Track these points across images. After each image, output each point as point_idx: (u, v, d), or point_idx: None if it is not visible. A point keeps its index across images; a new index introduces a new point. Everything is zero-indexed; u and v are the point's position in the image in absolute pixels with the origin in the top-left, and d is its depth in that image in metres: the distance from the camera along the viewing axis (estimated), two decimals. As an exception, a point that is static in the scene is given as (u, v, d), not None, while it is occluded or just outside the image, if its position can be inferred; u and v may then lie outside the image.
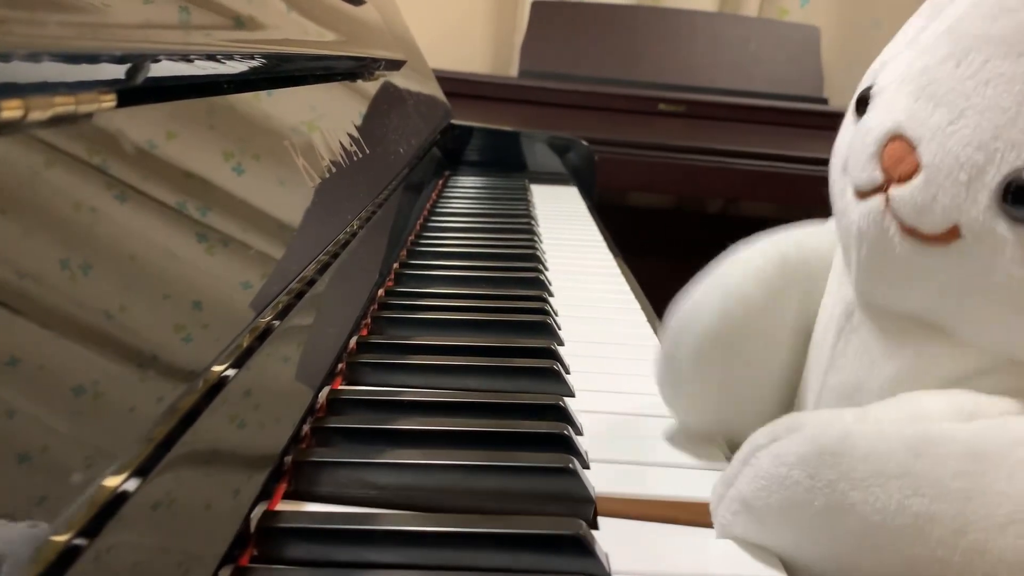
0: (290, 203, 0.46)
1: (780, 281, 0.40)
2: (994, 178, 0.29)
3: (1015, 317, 0.30)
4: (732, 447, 0.41)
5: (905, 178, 0.31)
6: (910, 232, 0.31)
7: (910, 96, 0.31)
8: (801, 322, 0.41)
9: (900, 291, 0.33)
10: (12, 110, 0.24)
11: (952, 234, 0.30)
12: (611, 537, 0.33)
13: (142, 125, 0.33)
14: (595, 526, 0.34)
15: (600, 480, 0.36)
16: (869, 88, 0.34)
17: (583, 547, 0.31)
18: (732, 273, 0.40)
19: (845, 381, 0.36)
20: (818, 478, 0.30)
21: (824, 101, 1.82)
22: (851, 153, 0.34)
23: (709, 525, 0.35)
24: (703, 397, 0.41)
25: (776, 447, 0.31)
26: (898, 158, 0.31)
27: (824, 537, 0.30)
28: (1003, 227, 0.29)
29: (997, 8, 0.30)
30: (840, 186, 0.35)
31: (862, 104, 0.34)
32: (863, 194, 0.33)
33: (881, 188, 0.32)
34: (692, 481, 0.38)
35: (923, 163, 0.30)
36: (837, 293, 0.38)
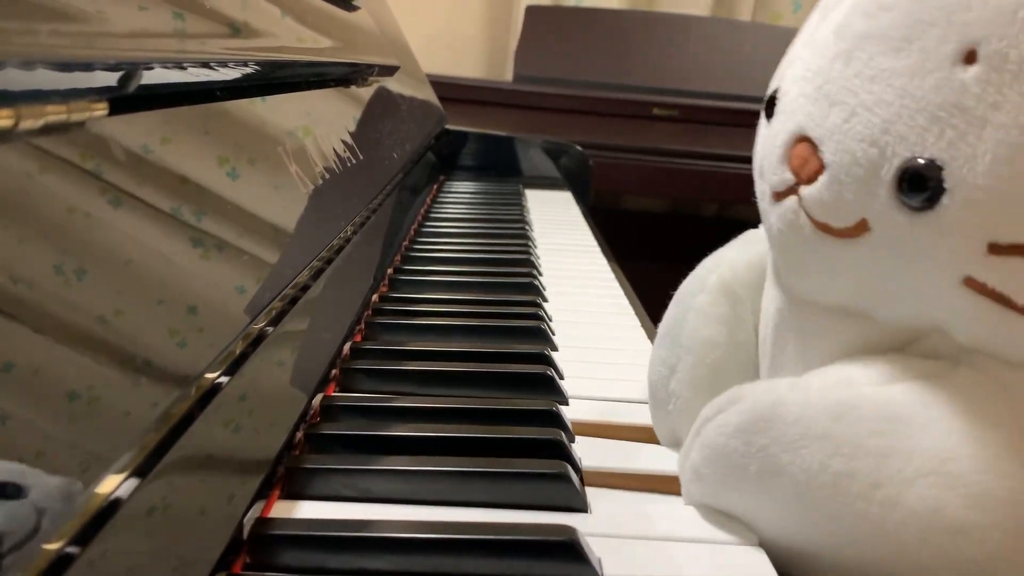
0: (284, 209, 0.46)
1: (731, 311, 0.42)
2: (888, 171, 0.30)
3: (928, 298, 0.32)
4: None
5: (812, 178, 0.32)
6: (823, 228, 0.32)
7: (808, 98, 0.33)
8: (752, 337, 0.42)
9: (821, 284, 0.35)
10: (3, 119, 0.24)
11: (861, 227, 0.31)
12: (604, 542, 0.33)
13: (136, 132, 0.33)
14: (588, 531, 0.34)
15: (594, 487, 0.37)
16: (776, 91, 0.35)
17: (576, 553, 0.31)
18: (692, 323, 0.42)
19: (789, 374, 0.38)
20: (752, 444, 0.32)
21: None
22: (763, 157, 0.35)
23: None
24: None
25: (719, 418, 0.34)
26: (804, 159, 0.32)
27: (763, 499, 0.33)
28: (902, 216, 0.30)
29: (875, 6, 0.31)
30: (760, 190, 0.36)
31: (770, 107, 0.35)
32: (778, 195, 0.34)
33: (792, 189, 0.33)
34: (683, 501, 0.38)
35: (825, 162, 0.31)
36: (770, 294, 0.40)
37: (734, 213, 1.91)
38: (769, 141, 0.35)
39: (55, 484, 0.22)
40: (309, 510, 0.34)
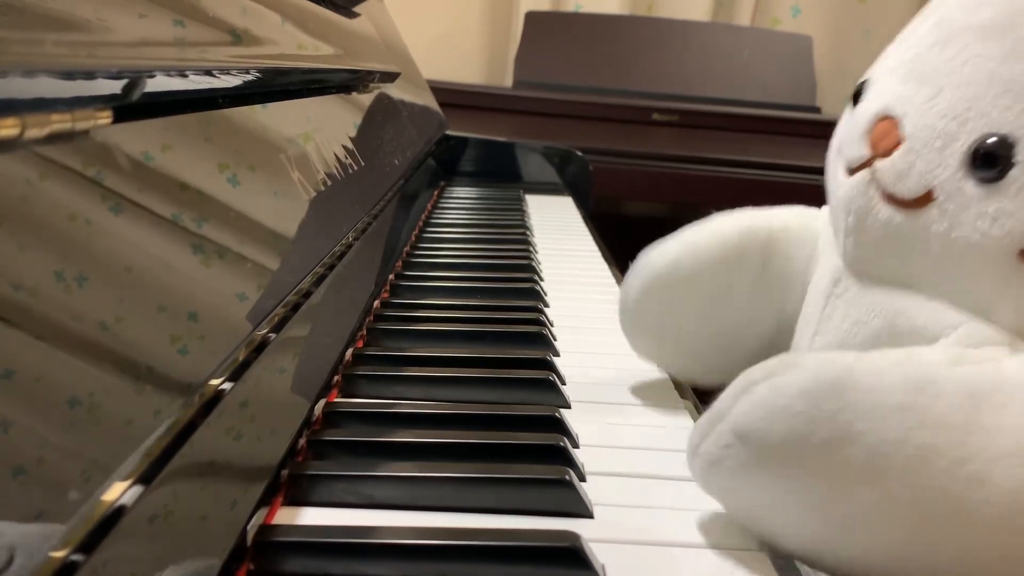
0: (286, 216, 0.46)
1: (737, 246, 0.45)
2: (964, 144, 0.33)
3: (983, 272, 0.33)
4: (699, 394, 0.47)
5: (889, 151, 0.35)
6: (890, 198, 0.35)
7: (899, 80, 0.36)
8: (765, 286, 0.46)
9: (881, 253, 0.37)
10: (9, 128, 0.24)
11: (927, 198, 0.34)
12: (608, 549, 0.33)
13: (139, 140, 0.33)
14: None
15: (597, 492, 0.37)
16: (864, 82, 0.38)
17: (580, 559, 0.31)
18: (697, 231, 0.47)
19: (831, 341, 0.40)
20: (821, 408, 0.30)
21: (817, 110, 1.83)
22: (845, 136, 0.38)
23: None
24: (646, 328, 0.48)
25: (776, 380, 0.31)
26: (884, 133, 0.35)
27: (824, 470, 0.30)
28: (970, 187, 0.33)
29: (976, 3, 0.34)
30: (833, 168, 0.39)
31: (857, 96, 0.38)
32: (852, 170, 0.37)
33: (868, 163, 0.36)
34: (690, 492, 0.38)
35: (906, 135, 0.34)
36: (825, 265, 0.42)
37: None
38: (852, 121, 0.38)
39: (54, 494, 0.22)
40: (312, 517, 0.34)
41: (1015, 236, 0.32)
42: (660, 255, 0.47)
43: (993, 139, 0.32)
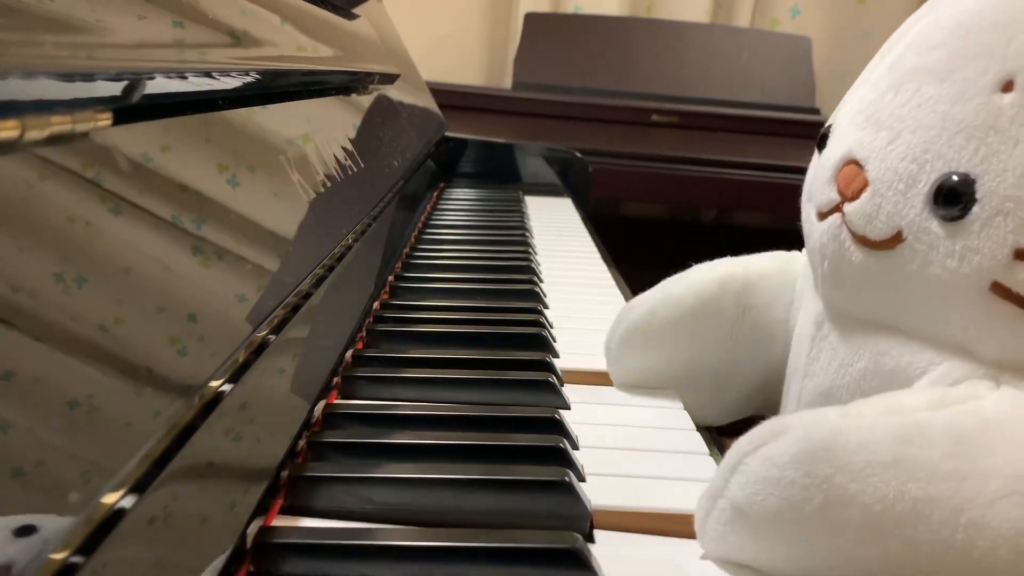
0: (285, 217, 0.46)
1: (715, 294, 0.47)
2: (925, 184, 0.34)
3: (958, 308, 0.34)
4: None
5: (856, 195, 0.36)
6: (862, 241, 0.36)
7: (859, 126, 0.37)
8: (745, 332, 0.47)
9: (858, 295, 0.38)
10: (9, 130, 0.24)
11: (896, 239, 0.35)
12: (608, 550, 0.33)
13: (139, 142, 0.33)
14: (591, 539, 0.34)
15: (596, 493, 0.37)
16: (828, 127, 0.40)
17: (580, 561, 0.31)
18: (674, 283, 0.48)
19: (820, 384, 0.41)
20: (814, 475, 0.30)
21: (816, 111, 1.83)
22: (813, 181, 0.40)
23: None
24: (627, 373, 0.50)
25: (765, 450, 0.31)
26: (850, 178, 0.36)
27: (825, 534, 0.30)
28: (936, 226, 0.33)
29: (926, 45, 0.35)
30: (806, 213, 0.41)
31: (823, 141, 0.40)
32: (823, 215, 0.38)
33: (837, 208, 0.37)
34: (689, 493, 0.38)
35: (870, 179, 0.36)
36: (809, 308, 0.43)
37: (733, 219, 1.91)
38: (819, 167, 0.39)
39: (56, 494, 0.22)
40: (312, 519, 0.34)
41: (984, 272, 0.32)
42: (638, 306, 0.49)
43: (954, 178, 0.33)
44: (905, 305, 0.36)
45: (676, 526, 0.35)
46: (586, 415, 0.46)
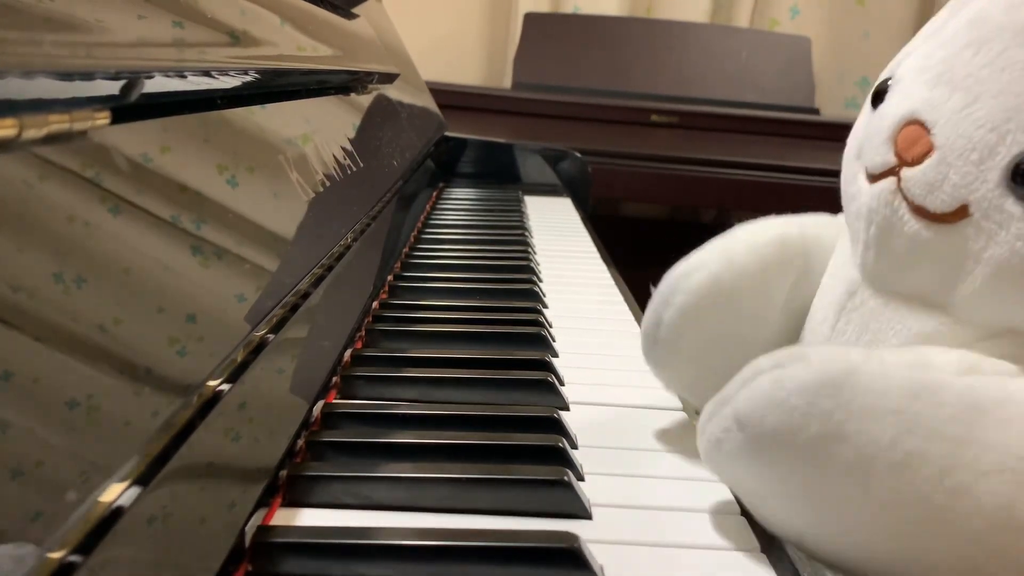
0: (285, 217, 0.46)
1: (776, 258, 0.42)
2: (1004, 158, 0.31)
3: (1015, 291, 0.32)
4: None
5: (918, 160, 0.33)
6: (919, 211, 0.33)
7: (927, 84, 0.33)
8: (793, 304, 0.42)
9: (906, 269, 0.35)
10: (7, 129, 0.24)
11: (960, 213, 0.32)
12: (606, 550, 0.33)
13: (137, 141, 0.33)
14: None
15: (595, 493, 0.37)
16: (887, 80, 0.36)
17: (578, 560, 0.31)
18: (733, 243, 0.43)
19: None
20: (815, 406, 0.30)
21: (815, 111, 1.83)
22: (866, 139, 0.36)
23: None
24: (682, 358, 0.43)
25: (779, 372, 0.31)
26: (912, 140, 0.33)
27: (811, 465, 0.30)
28: (1011, 204, 0.31)
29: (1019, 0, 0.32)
30: (852, 172, 0.37)
31: (879, 96, 0.36)
32: (875, 177, 0.35)
33: (893, 171, 0.34)
34: (688, 493, 0.38)
35: (936, 144, 0.32)
36: (839, 275, 0.39)
37: (732, 219, 1.91)
38: (874, 124, 0.35)
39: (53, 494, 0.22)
40: (311, 518, 0.34)
41: None
42: (699, 272, 0.42)
43: None
44: (957, 285, 0.33)
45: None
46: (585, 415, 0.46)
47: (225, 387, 0.32)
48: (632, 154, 1.55)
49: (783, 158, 1.56)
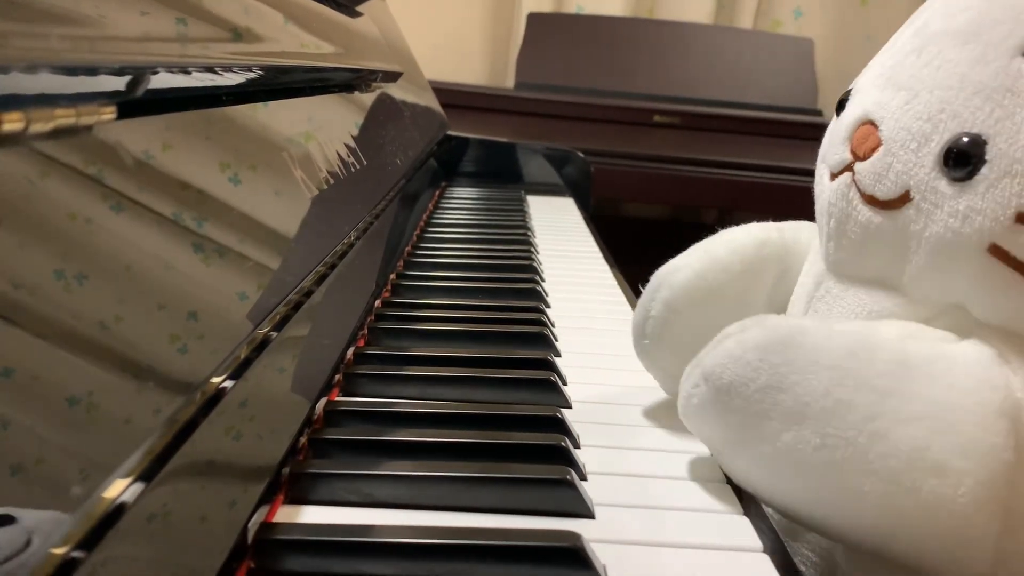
0: (288, 214, 0.46)
1: (756, 257, 0.45)
2: (937, 144, 0.34)
3: (958, 268, 0.34)
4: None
5: (868, 154, 0.36)
6: (870, 200, 0.36)
7: (878, 88, 0.37)
8: (774, 301, 0.46)
9: (861, 254, 0.38)
10: (13, 123, 0.24)
11: (904, 198, 0.35)
12: (609, 549, 0.33)
13: (141, 137, 0.33)
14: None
15: (598, 492, 0.36)
16: (848, 91, 0.40)
17: (581, 559, 0.31)
18: (717, 244, 0.46)
19: None
20: (765, 360, 0.34)
21: (818, 112, 1.83)
22: (828, 144, 0.40)
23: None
24: (668, 351, 0.46)
25: (741, 335, 0.36)
26: (864, 138, 0.37)
27: (758, 411, 0.34)
28: (944, 186, 0.34)
29: (954, 8, 0.36)
30: (819, 174, 0.41)
31: (841, 105, 0.40)
32: (834, 175, 0.39)
33: (849, 167, 0.37)
34: (691, 492, 0.38)
35: (883, 139, 0.36)
36: (810, 271, 0.43)
37: (735, 220, 1.91)
38: (836, 128, 0.39)
39: (54, 491, 0.22)
40: (313, 515, 0.34)
41: (984, 233, 0.33)
42: (683, 269, 0.46)
43: (965, 139, 0.33)
44: (907, 265, 0.36)
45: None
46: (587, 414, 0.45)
47: (228, 384, 0.32)
48: (634, 154, 1.55)
49: (785, 159, 1.56)
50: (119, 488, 0.24)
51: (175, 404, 0.28)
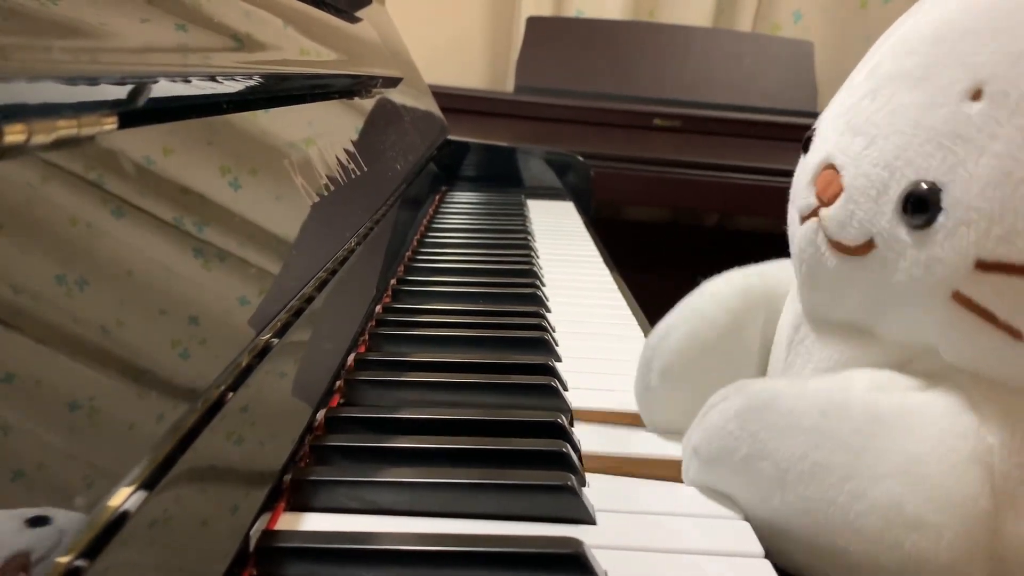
0: (289, 221, 0.46)
1: (743, 307, 0.45)
2: (895, 192, 0.34)
3: (923, 315, 0.34)
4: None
5: (832, 200, 0.36)
6: (837, 246, 0.36)
7: (838, 131, 0.37)
8: (764, 344, 0.46)
9: (833, 299, 0.38)
10: (15, 134, 0.24)
11: (868, 246, 0.35)
12: (610, 555, 0.33)
13: (143, 146, 0.33)
14: (594, 543, 0.34)
15: (599, 498, 0.37)
16: (813, 130, 0.40)
17: (582, 565, 0.31)
18: (701, 300, 0.46)
19: None
20: (745, 429, 0.35)
21: (818, 115, 1.83)
22: (794, 185, 0.40)
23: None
24: (671, 410, 0.45)
25: (723, 404, 0.37)
26: (827, 183, 0.36)
27: (745, 480, 0.36)
28: (904, 234, 0.33)
29: (903, 51, 0.35)
30: (791, 215, 0.40)
31: (807, 144, 0.40)
32: (804, 218, 0.38)
33: (815, 212, 0.37)
34: (692, 498, 0.38)
35: (844, 185, 0.35)
36: (789, 312, 0.43)
37: (735, 223, 1.91)
38: (800, 171, 0.39)
39: (61, 497, 0.22)
40: (315, 522, 0.34)
41: (947, 281, 0.33)
42: (672, 331, 0.45)
43: (922, 185, 0.33)
44: (877, 311, 0.36)
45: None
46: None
47: (230, 391, 0.32)
48: (635, 158, 1.55)
49: (786, 162, 1.55)
50: (122, 495, 0.24)
51: (177, 410, 0.28)
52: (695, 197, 1.57)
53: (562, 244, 0.93)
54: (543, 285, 0.72)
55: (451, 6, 2.05)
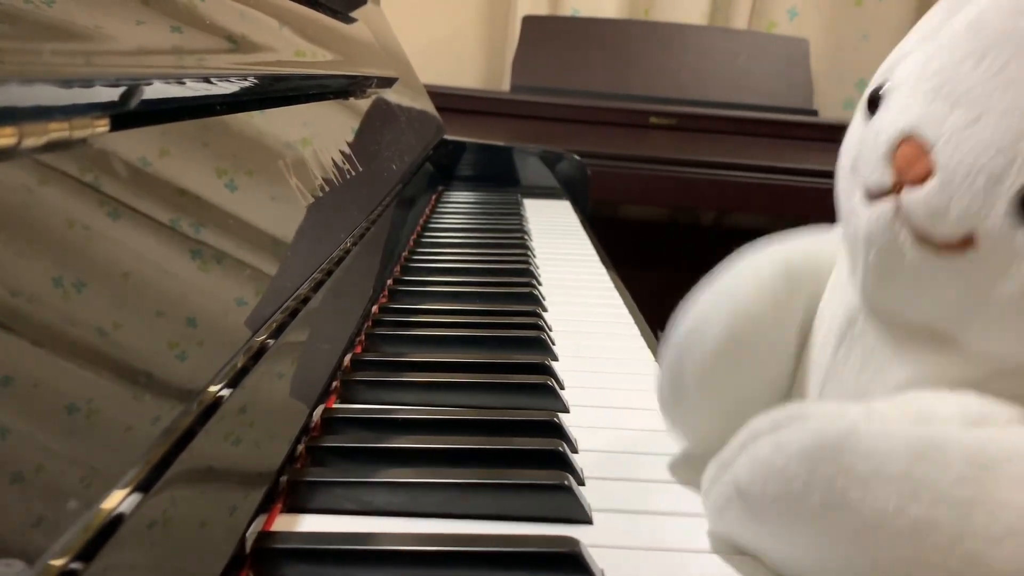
0: (284, 221, 0.46)
1: (786, 293, 0.38)
2: (1012, 186, 0.27)
3: None
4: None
5: (918, 181, 0.29)
6: (922, 238, 0.30)
7: (925, 96, 0.30)
8: (805, 331, 0.39)
9: (910, 299, 0.32)
10: (7, 137, 0.24)
11: (967, 243, 0.29)
12: (607, 554, 0.33)
13: (137, 148, 0.33)
14: (591, 542, 0.34)
15: (596, 497, 0.37)
16: (880, 86, 0.32)
17: (579, 565, 0.31)
18: (740, 287, 0.39)
19: (847, 388, 0.35)
20: (816, 473, 0.29)
21: (814, 113, 1.83)
22: (861, 153, 0.32)
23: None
24: (709, 415, 0.40)
25: (778, 436, 0.30)
26: (911, 159, 0.30)
27: (817, 534, 0.30)
28: (1021, 237, 0.28)
29: (1022, 3, 0.28)
30: (848, 186, 0.34)
31: (873, 103, 0.33)
32: (873, 196, 0.32)
33: (892, 191, 0.31)
34: (688, 498, 0.38)
35: (938, 165, 0.29)
36: (839, 299, 0.37)
37: (732, 221, 1.91)
38: (870, 137, 0.32)
39: (57, 498, 0.22)
40: (311, 523, 0.34)
41: None
42: (713, 326, 0.39)
43: None
44: (966, 317, 0.30)
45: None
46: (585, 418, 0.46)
47: (226, 392, 0.32)
48: (631, 156, 1.55)
49: (782, 160, 1.56)
50: (118, 497, 0.24)
51: (174, 412, 0.28)
52: (692, 195, 1.57)
53: (559, 243, 0.93)
54: (540, 284, 0.72)
55: (446, 5, 2.05)
